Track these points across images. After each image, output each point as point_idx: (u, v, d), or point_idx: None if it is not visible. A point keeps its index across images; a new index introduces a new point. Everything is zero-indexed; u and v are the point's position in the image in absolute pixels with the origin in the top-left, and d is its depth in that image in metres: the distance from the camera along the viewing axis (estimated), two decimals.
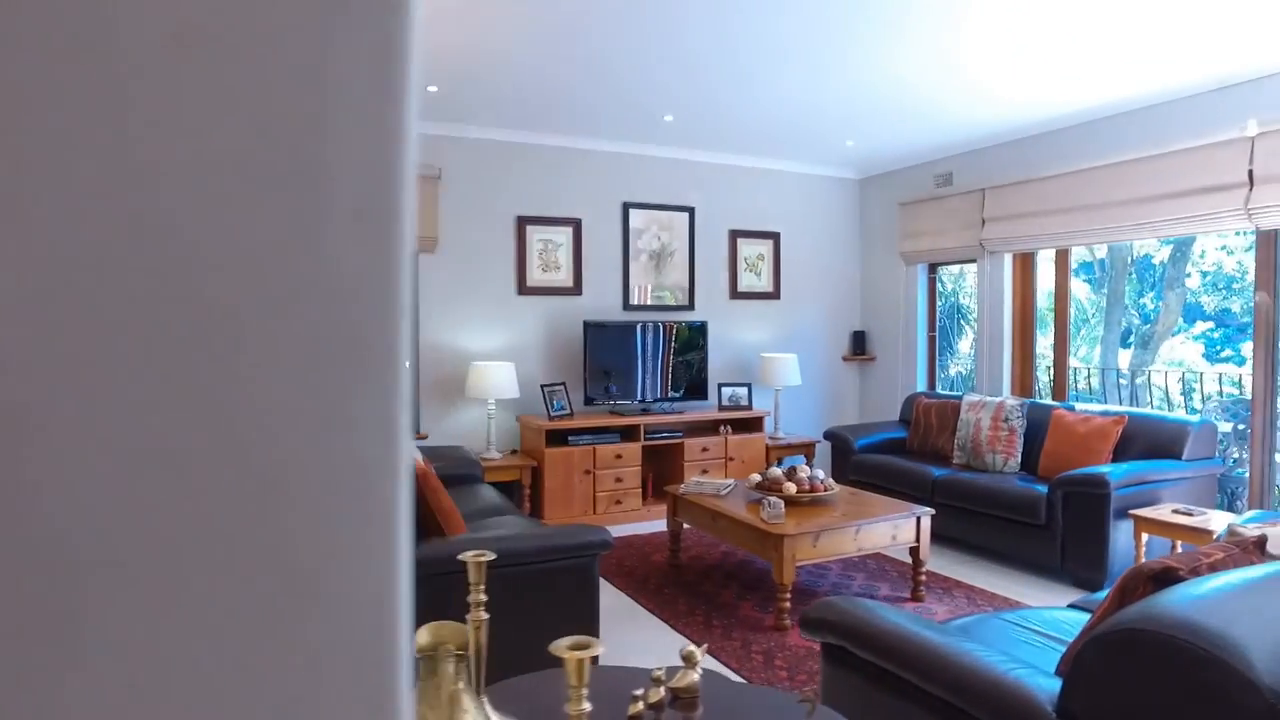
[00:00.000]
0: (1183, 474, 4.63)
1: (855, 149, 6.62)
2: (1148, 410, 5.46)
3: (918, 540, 4.17)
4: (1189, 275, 13.79)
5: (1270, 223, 4.55)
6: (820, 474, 4.44)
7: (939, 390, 7.06)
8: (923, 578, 4.24)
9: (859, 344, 7.51)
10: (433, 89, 4.99)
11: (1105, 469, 4.39)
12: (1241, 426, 5.94)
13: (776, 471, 4.44)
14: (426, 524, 3.14)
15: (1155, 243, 14.20)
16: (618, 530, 5.67)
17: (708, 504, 4.36)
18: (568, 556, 2.95)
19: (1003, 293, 6.25)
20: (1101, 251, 15.78)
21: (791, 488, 4.27)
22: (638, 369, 6.35)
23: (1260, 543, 2.01)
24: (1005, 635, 2.47)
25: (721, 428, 6.40)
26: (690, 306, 6.79)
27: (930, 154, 6.71)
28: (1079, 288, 15.92)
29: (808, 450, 6.72)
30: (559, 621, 2.93)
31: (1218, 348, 15.16)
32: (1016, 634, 2.50)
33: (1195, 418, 4.91)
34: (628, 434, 6.03)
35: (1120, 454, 4.83)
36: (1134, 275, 15.04)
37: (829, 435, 6.23)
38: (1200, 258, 12.23)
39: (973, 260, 6.47)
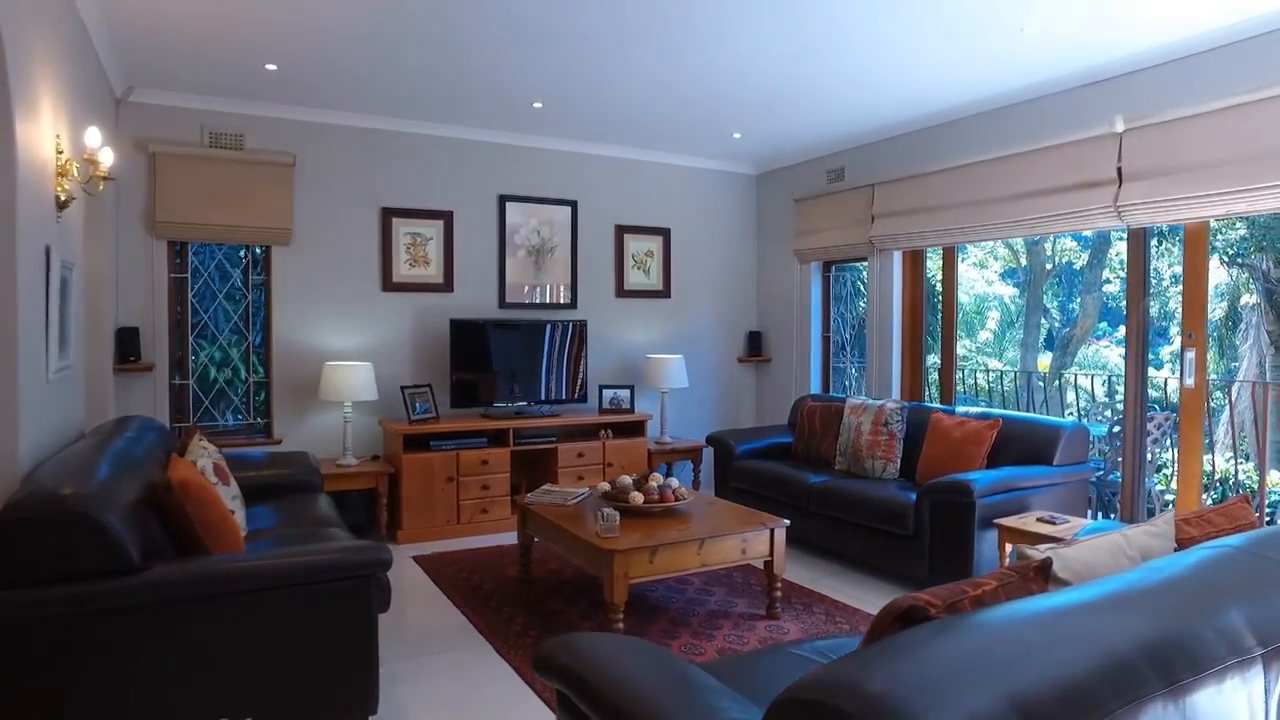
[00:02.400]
0: (1053, 480, 4.45)
1: (744, 142, 6.37)
2: (1022, 413, 5.29)
3: (771, 554, 3.91)
4: (1108, 281, 13.92)
5: (1138, 220, 4.39)
6: (674, 483, 4.16)
7: (842, 394, 6.86)
8: (778, 593, 3.98)
9: (755, 345, 7.27)
10: (271, 67, 4.59)
11: (971, 476, 4.18)
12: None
13: (626, 480, 4.14)
14: (189, 540, 2.77)
15: (1076, 246, 14.35)
16: (484, 541, 5.33)
17: (549, 515, 4.04)
18: (324, 581, 2.59)
19: (892, 292, 6.05)
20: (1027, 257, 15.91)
21: (638, 498, 3.98)
22: (512, 370, 6.01)
23: (1044, 567, 1.76)
24: (788, 677, 2.19)
25: (602, 432, 6.10)
26: (573, 305, 6.47)
27: (823, 148, 6.50)
28: (1006, 291, 16.06)
29: (694, 455, 6.45)
30: (311, 670, 2.59)
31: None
32: (802, 671, 2.21)
33: (1068, 421, 4.74)
34: (497, 438, 5.69)
35: (995, 459, 4.64)
36: (1058, 280, 15.16)
37: (711, 440, 5.97)
38: (1119, 263, 12.30)
39: (864, 259, 6.26)
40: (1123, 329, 13.83)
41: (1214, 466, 7.88)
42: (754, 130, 6.01)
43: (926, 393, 6.12)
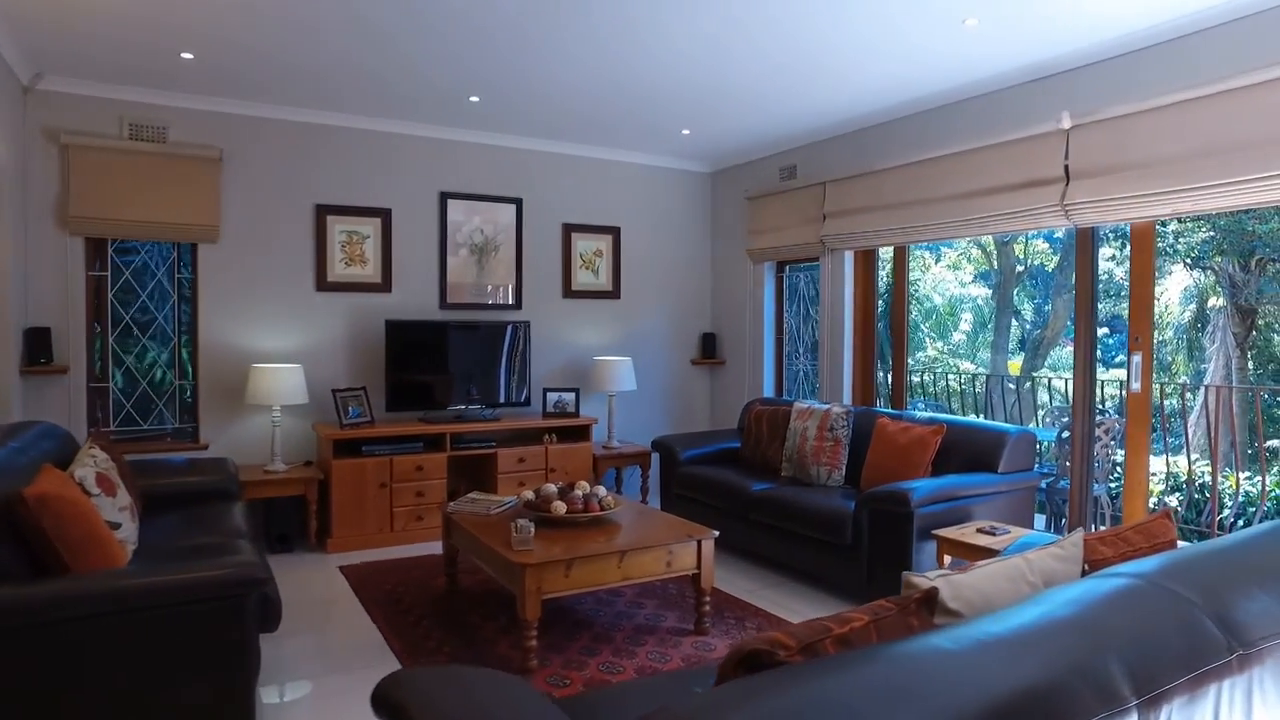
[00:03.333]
0: (997, 488, 4.30)
1: (694, 138, 6.21)
2: (968, 418, 5.14)
3: (699, 567, 3.74)
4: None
5: (1085, 220, 4.26)
6: (601, 491, 3.98)
7: (797, 398, 6.71)
8: (706, 608, 3.81)
9: (709, 347, 7.11)
10: (187, 56, 4.38)
11: (909, 486, 4.03)
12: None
13: (550, 489, 3.96)
14: (50, 558, 2.56)
15: (1048, 248, 14.31)
16: (418, 550, 5.14)
17: (468, 525, 3.86)
18: (184, 604, 2.39)
19: (844, 293, 5.90)
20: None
21: (561, 507, 3.80)
22: (451, 373, 5.82)
23: (928, 599, 1.59)
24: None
25: (545, 436, 5.91)
26: (517, 306, 6.28)
27: (775, 146, 6.34)
28: (981, 293, 16.01)
29: (642, 460, 6.27)
30: (176, 699, 2.39)
31: (1112, 353, 15.35)
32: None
33: (1013, 426, 4.61)
34: (434, 443, 5.49)
35: (941, 465, 4.49)
36: (1032, 281, 15.12)
37: (656, 445, 5.79)
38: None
39: (816, 258, 6.11)
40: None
41: (1174, 466, 7.79)
42: (703, 126, 5.85)
43: (880, 398, 5.97)
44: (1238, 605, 1.47)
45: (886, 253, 5.80)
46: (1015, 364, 14.67)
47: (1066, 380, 9.78)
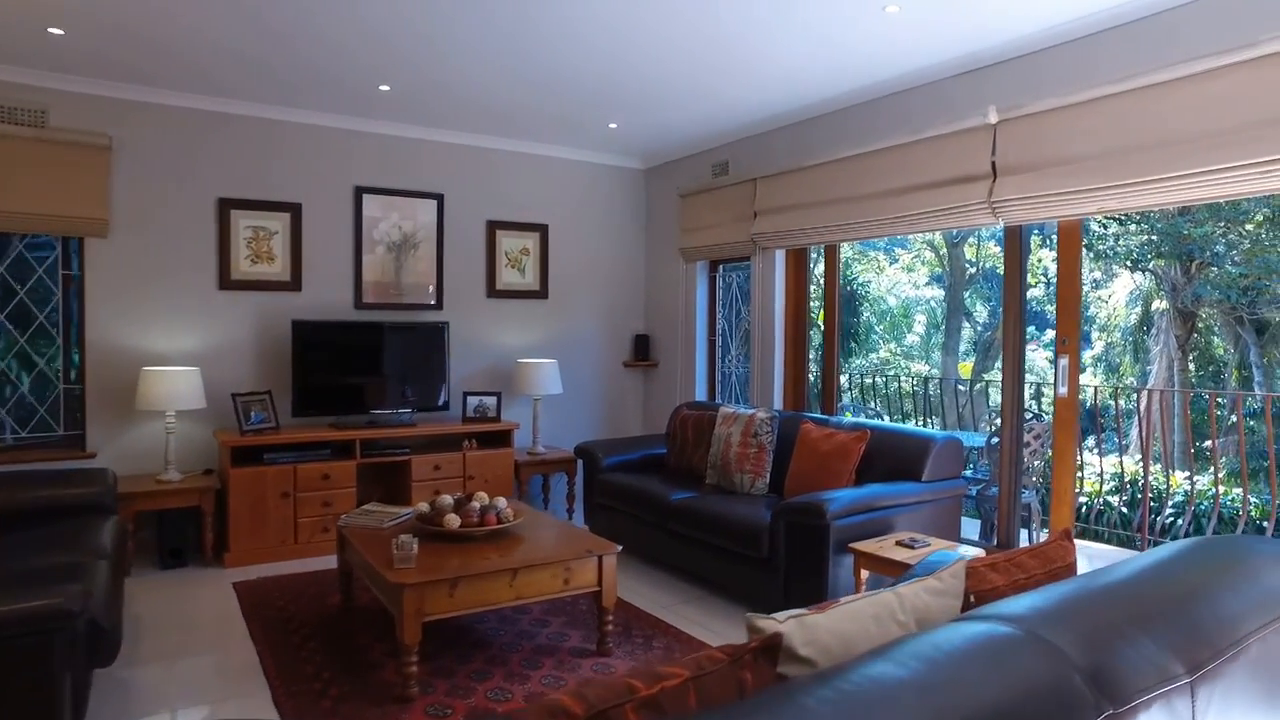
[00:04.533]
0: (920, 497, 4.13)
1: (624, 133, 5.98)
2: (893, 424, 4.95)
3: (600, 584, 3.51)
4: (1032, 285, 13.89)
5: (1013, 217, 4.10)
6: (501, 503, 3.73)
7: (730, 403, 6.51)
8: (608, 627, 3.58)
9: (642, 348, 6.89)
10: (56, 32, 4.05)
11: (826, 496, 3.83)
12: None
13: (445, 500, 3.70)
14: None
15: (999, 250, 14.31)
16: (323, 563, 4.85)
17: (355, 540, 3.59)
18: None
19: (774, 293, 5.70)
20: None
21: (454, 521, 3.54)
22: (365, 375, 5.53)
23: (770, 646, 1.37)
24: None
25: (465, 442, 5.65)
26: (438, 305, 6.00)
27: (707, 141, 6.14)
28: (934, 295, 16.00)
29: (568, 466, 6.03)
30: None
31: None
32: None
33: (939, 432, 4.43)
34: (343, 450, 5.20)
35: (866, 473, 4.31)
36: (985, 282, 15.11)
37: (579, 451, 5.56)
38: (1043, 270, 12.25)
39: (748, 258, 5.91)
40: (1050, 332, 13.83)
41: (1117, 467, 7.72)
42: (630, 120, 5.62)
43: (810, 402, 5.79)
44: (1118, 654, 1.27)
45: (842, 252, 5.62)
46: (967, 366, 14.67)
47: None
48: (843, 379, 11.31)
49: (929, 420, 9.31)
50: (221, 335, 5.27)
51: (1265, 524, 5.35)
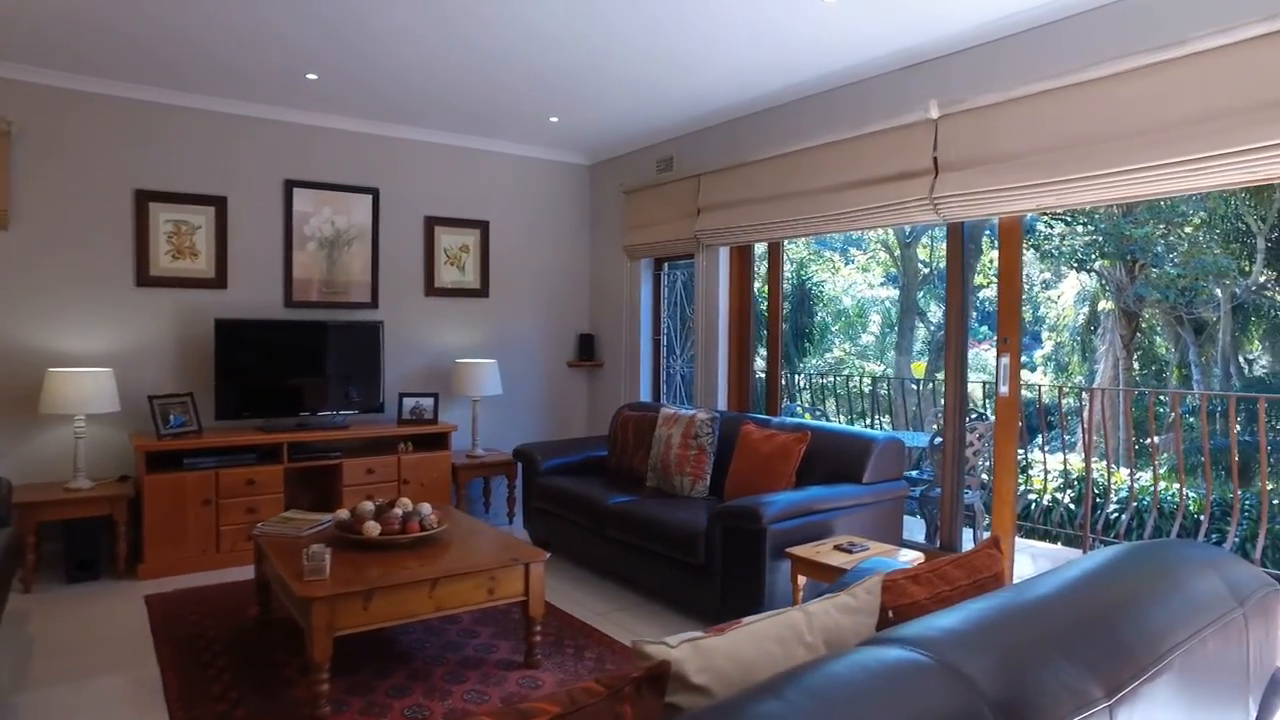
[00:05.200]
0: (861, 499, 4.04)
1: (568, 128, 5.83)
2: (835, 424, 4.85)
3: (527, 594, 3.36)
4: (985, 285, 14.02)
5: (953, 214, 4.03)
6: (426, 510, 3.56)
7: (673, 403, 6.39)
8: (536, 639, 3.43)
9: (587, 348, 6.75)
10: None
11: (763, 500, 3.73)
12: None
13: (366, 507, 3.53)
14: None
15: None
16: (246, 573, 4.62)
17: (269, 549, 3.40)
18: None
19: (719, 291, 5.60)
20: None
21: (374, 529, 3.37)
22: (294, 376, 5.32)
23: (656, 677, 1.24)
24: None
25: (400, 445, 5.46)
26: (373, 304, 5.80)
27: (652, 136, 6.02)
28: (889, 294, 16.06)
29: (508, 469, 5.86)
30: None
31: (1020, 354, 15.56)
32: None
33: (880, 433, 4.36)
34: (269, 454, 4.99)
35: (807, 474, 4.21)
36: (938, 282, 15.20)
37: (518, 453, 5.40)
38: (993, 270, 12.32)
39: (692, 255, 5.80)
40: None
41: (1067, 465, 7.78)
42: (572, 114, 5.48)
43: (762, 402, 5.70)
44: (1033, 681, 1.17)
45: (793, 249, 5.52)
46: (920, 365, 14.75)
47: (983, 384, 9.75)
48: (799, 379, 11.30)
49: (881, 420, 9.31)
50: (139, 334, 5.02)
51: (1202, 518, 5.38)
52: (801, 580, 3.55)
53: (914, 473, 5.84)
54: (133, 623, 3.91)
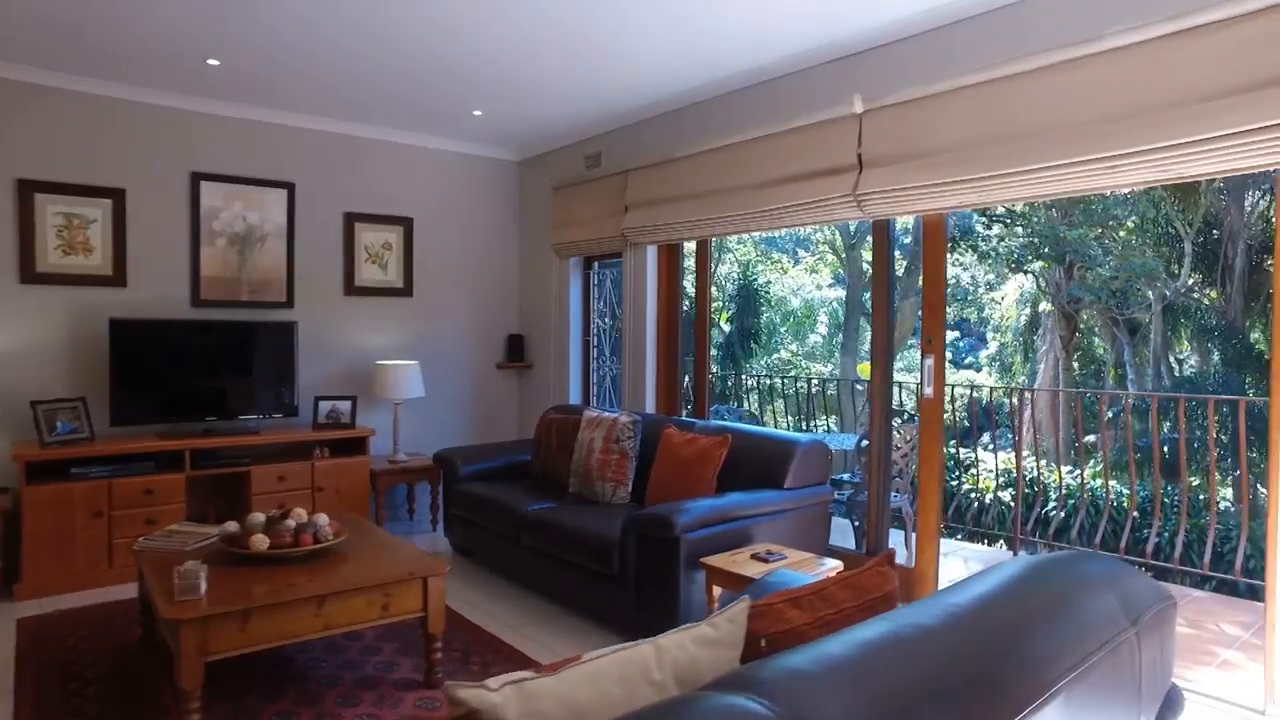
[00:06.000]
0: (782, 505, 3.91)
1: (492, 122, 5.63)
2: (756, 428, 4.72)
3: (425, 609, 3.17)
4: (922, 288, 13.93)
5: (876, 211, 3.92)
6: (322, 520, 3.35)
7: (602, 406, 6.22)
8: (437, 656, 3.24)
9: (516, 349, 6.55)
10: None
11: (676, 507, 3.57)
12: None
13: (257, 519, 3.30)
14: None
15: (898, 254, 14.46)
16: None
17: (146, 566, 3.16)
18: None
19: (646, 290, 5.44)
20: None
21: (263, 542, 3.15)
22: (200, 379, 5.04)
23: None
24: None
25: (316, 450, 5.21)
26: (288, 303, 5.54)
27: (580, 132, 5.84)
28: (838, 295, 16.06)
29: (432, 475, 5.65)
30: None
31: (962, 355, 15.67)
32: None
33: (803, 436, 4.23)
34: (170, 462, 4.71)
35: (729, 479, 4.07)
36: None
37: (438, 459, 5.19)
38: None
39: (620, 254, 5.64)
40: (951, 334, 13.97)
41: (1008, 464, 7.78)
42: (496, 108, 5.29)
43: (685, 407, 5.55)
44: None
45: (740, 249, 5.38)
46: (867, 366, 14.76)
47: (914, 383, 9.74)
48: (747, 380, 11.20)
49: (829, 421, 9.25)
50: (23, 335, 4.71)
51: (1134, 513, 5.40)
52: (717, 591, 3.41)
53: (846, 475, 5.75)
54: None
